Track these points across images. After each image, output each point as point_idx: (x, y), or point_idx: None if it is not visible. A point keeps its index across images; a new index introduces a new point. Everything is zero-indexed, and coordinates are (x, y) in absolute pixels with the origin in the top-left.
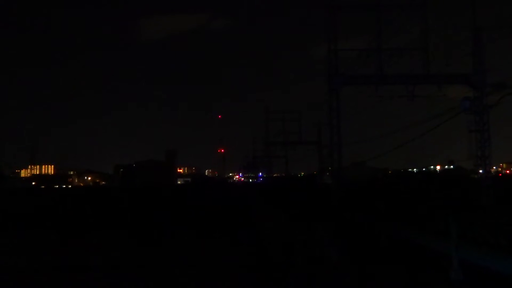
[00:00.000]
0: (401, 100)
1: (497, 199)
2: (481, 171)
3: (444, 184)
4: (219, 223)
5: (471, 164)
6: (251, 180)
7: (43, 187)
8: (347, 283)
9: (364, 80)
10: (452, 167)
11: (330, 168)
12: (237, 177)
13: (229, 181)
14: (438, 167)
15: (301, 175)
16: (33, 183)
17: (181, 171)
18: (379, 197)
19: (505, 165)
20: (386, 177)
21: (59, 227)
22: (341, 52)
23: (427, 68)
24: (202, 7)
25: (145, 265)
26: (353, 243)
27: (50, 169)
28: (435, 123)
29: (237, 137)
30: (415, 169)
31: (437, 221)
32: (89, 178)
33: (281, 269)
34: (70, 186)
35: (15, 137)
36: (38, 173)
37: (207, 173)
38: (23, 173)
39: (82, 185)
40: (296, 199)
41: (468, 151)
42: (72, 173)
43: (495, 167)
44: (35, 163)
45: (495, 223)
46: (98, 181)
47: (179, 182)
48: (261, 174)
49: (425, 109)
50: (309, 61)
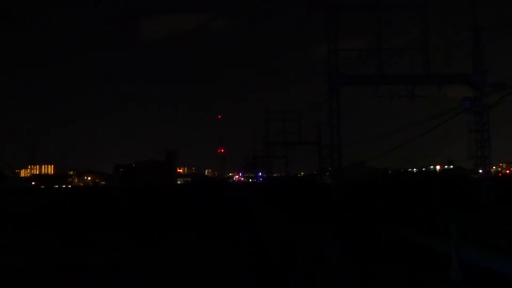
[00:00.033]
0: (401, 100)
1: (497, 199)
2: (481, 171)
3: (444, 184)
4: (219, 223)
5: (471, 164)
6: (251, 180)
7: (43, 187)
8: (347, 283)
9: (364, 80)
10: (452, 167)
11: (330, 168)
12: (237, 177)
13: (229, 181)
14: (438, 167)
15: (301, 175)
16: (33, 183)
17: (181, 171)
18: (379, 197)
19: (505, 165)
20: (386, 177)
21: (59, 227)
22: (341, 52)
23: (427, 68)
24: (202, 7)
25: (145, 265)
26: (353, 243)
27: (50, 169)
28: (435, 123)
29: (237, 137)
30: (415, 169)
31: (437, 221)
32: (89, 178)
33: (281, 269)
34: (70, 186)
35: (15, 137)
36: (38, 173)
37: (207, 173)
38: (23, 173)
39: (82, 185)
40: (296, 199)
41: (468, 151)
42: (72, 173)
43: (495, 167)
44: (35, 163)
45: (495, 223)
46: (98, 181)
47: (179, 182)
48: (261, 174)
49: (425, 109)
50: (309, 61)
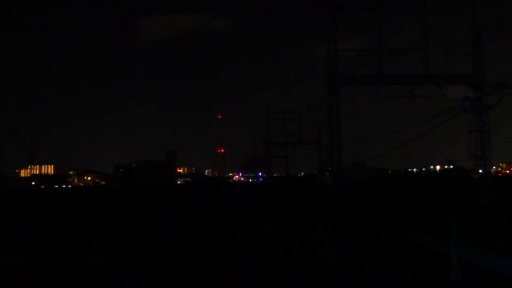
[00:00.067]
0: (401, 100)
1: (497, 199)
2: (481, 171)
3: (444, 184)
4: (219, 223)
5: (471, 164)
6: (251, 180)
7: (43, 187)
8: (347, 283)
9: (364, 80)
10: (452, 167)
11: (330, 168)
12: (237, 177)
13: (229, 181)
14: (438, 167)
15: (301, 175)
16: (33, 183)
17: (181, 171)
18: (379, 197)
19: (505, 165)
20: (386, 177)
21: (59, 227)
22: (341, 52)
23: (427, 68)
24: (202, 7)
25: (145, 265)
26: (353, 243)
27: (50, 169)
28: (435, 123)
29: (237, 137)
30: (415, 169)
31: (437, 221)
32: (89, 178)
33: (281, 269)
34: (70, 186)
35: (15, 137)
36: (38, 173)
37: (207, 173)
38: (23, 173)
39: (82, 185)
40: (296, 199)
41: (468, 151)
42: (72, 173)
43: (495, 167)
44: (35, 163)
45: (495, 223)
46: (98, 181)
47: (179, 182)
48: (261, 174)
49: (425, 109)
50: (309, 61)
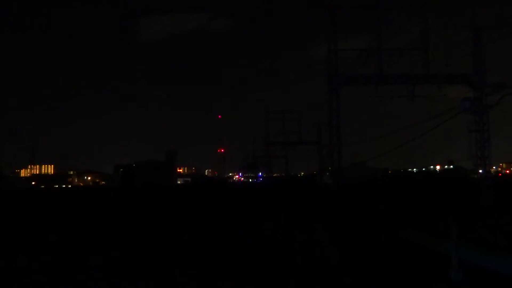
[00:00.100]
0: (401, 100)
1: (497, 199)
2: (481, 171)
3: (444, 184)
4: (219, 223)
5: (471, 164)
6: (251, 180)
7: (43, 187)
8: (347, 283)
9: (364, 80)
10: (452, 167)
11: (330, 168)
12: (237, 177)
13: (229, 181)
14: (438, 167)
15: (301, 175)
16: (33, 183)
17: (181, 171)
18: (379, 197)
19: (505, 165)
20: (386, 177)
21: (59, 227)
22: (341, 52)
23: (427, 68)
24: (202, 7)
25: (145, 265)
26: (353, 243)
27: (50, 169)
28: (435, 123)
29: (237, 137)
30: (415, 169)
31: (437, 221)
32: (89, 178)
33: (281, 269)
34: (70, 186)
35: (15, 137)
36: (38, 173)
37: (207, 173)
38: (23, 173)
39: (82, 185)
40: (296, 199)
41: (468, 151)
42: (72, 173)
43: (495, 167)
44: (35, 163)
45: (495, 223)
46: (98, 181)
47: (179, 182)
48: (261, 174)
49: (425, 109)
50: (309, 61)
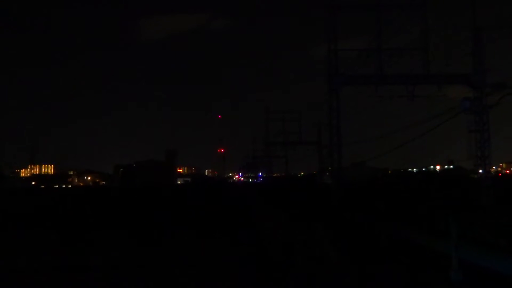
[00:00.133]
0: (401, 100)
1: (497, 199)
2: (481, 171)
3: (444, 184)
4: (219, 223)
5: (471, 164)
6: (251, 180)
7: (43, 187)
8: (347, 283)
9: (364, 80)
10: (452, 167)
11: (330, 168)
12: (237, 177)
13: (229, 181)
14: (438, 167)
15: (301, 175)
16: (33, 183)
17: (181, 171)
18: (379, 197)
19: (505, 165)
20: (386, 177)
21: (59, 227)
22: (341, 52)
23: (427, 68)
24: (202, 7)
25: (145, 265)
26: (353, 243)
27: (50, 169)
28: (435, 123)
29: (237, 137)
30: (415, 169)
31: (437, 221)
32: (89, 178)
33: (281, 269)
34: (70, 186)
35: (15, 137)
36: (38, 173)
37: (207, 173)
38: (23, 173)
39: (82, 185)
40: (296, 199)
41: (468, 151)
42: (72, 173)
43: (495, 167)
44: (35, 163)
45: (495, 223)
46: (98, 181)
47: (179, 182)
48: (261, 174)
49: (425, 109)
50: (309, 61)
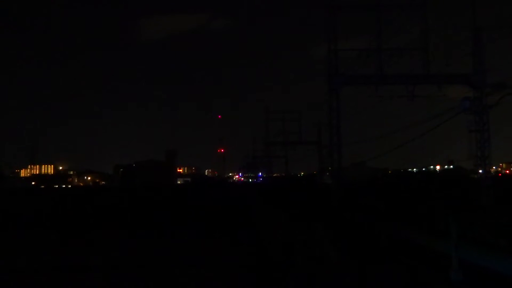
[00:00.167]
0: (401, 100)
1: (497, 199)
2: (481, 171)
3: (444, 184)
4: (219, 223)
5: (471, 164)
6: (251, 180)
7: (43, 187)
8: (347, 283)
9: (364, 80)
10: (452, 167)
11: (330, 168)
12: (237, 177)
13: (229, 181)
14: (438, 167)
15: (301, 175)
16: (33, 183)
17: (181, 171)
18: (379, 197)
19: (505, 165)
20: (386, 177)
21: (59, 227)
22: (341, 52)
23: (427, 68)
24: (202, 7)
25: (145, 265)
26: (353, 243)
27: (50, 169)
28: (435, 123)
29: (237, 137)
30: (415, 169)
31: (437, 221)
32: (89, 178)
33: (281, 269)
34: (69, 186)
35: (15, 137)
36: (38, 173)
37: (207, 173)
38: (23, 173)
39: (82, 185)
40: (296, 199)
41: (468, 151)
42: (72, 173)
43: (495, 167)
44: (35, 163)
45: (495, 223)
46: (98, 181)
47: (179, 182)
48: (261, 174)
49: (425, 109)
50: (309, 61)
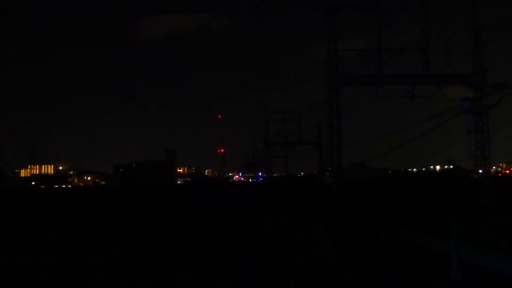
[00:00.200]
0: (401, 100)
1: (497, 199)
2: (481, 171)
3: (444, 184)
4: (219, 223)
5: (471, 164)
6: (251, 180)
7: (43, 187)
8: (347, 283)
9: (364, 80)
10: (452, 167)
11: (330, 168)
12: (237, 177)
13: (229, 181)
14: (438, 167)
15: (301, 175)
16: (33, 183)
17: (181, 171)
18: (379, 197)
19: (505, 165)
20: (386, 177)
21: (59, 227)
22: (341, 52)
23: (427, 68)
24: (202, 7)
25: (145, 265)
26: (353, 243)
27: (50, 169)
28: (435, 123)
29: (237, 137)
30: (415, 169)
31: (437, 221)
32: (89, 178)
33: (281, 269)
34: (69, 186)
35: (15, 137)
36: (38, 173)
37: (207, 173)
38: (23, 173)
39: (82, 185)
40: (296, 199)
41: (468, 151)
42: (72, 173)
43: (495, 167)
44: (35, 163)
45: (495, 223)
46: (98, 181)
47: (179, 182)
48: (261, 174)
49: (425, 109)
50: (309, 61)
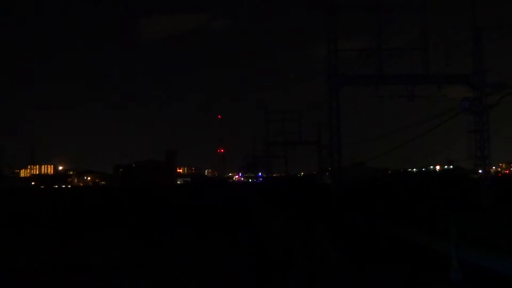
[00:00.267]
0: (401, 100)
1: (497, 199)
2: (480, 171)
3: (444, 184)
4: (219, 223)
5: (471, 164)
6: (250, 180)
7: (43, 187)
8: (347, 283)
9: (364, 80)
10: (452, 167)
11: (330, 168)
12: (237, 177)
13: (229, 181)
14: (438, 167)
15: (301, 175)
16: (33, 183)
17: (181, 171)
18: (379, 197)
19: (505, 165)
20: (386, 177)
21: (59, 227)
22: (341, 52)
23: (427, 68)
24: (202, 7)
25: (145, 265)
26: (353, 243)
27: (50, 169)
28: (435, 123)
29: (237, 137)
30: (414, 169)
31: (437, 221)
32: (89, 178)
33: (281, 269)
34: (69, 186)
35: (15, 137)
36: (37, 173)
37: (207, 173)
38: (23, 173)
39: (81, 185)
40: (296, 199)
41: (467, 151)
42: (72, 173)
43: (494, 167)
44: (35, 163)
45: (495, 223)
46: (98, 181)
47: (179, 182)
48: (260, 174)
49: (425, 109)
50: (309, 61)
